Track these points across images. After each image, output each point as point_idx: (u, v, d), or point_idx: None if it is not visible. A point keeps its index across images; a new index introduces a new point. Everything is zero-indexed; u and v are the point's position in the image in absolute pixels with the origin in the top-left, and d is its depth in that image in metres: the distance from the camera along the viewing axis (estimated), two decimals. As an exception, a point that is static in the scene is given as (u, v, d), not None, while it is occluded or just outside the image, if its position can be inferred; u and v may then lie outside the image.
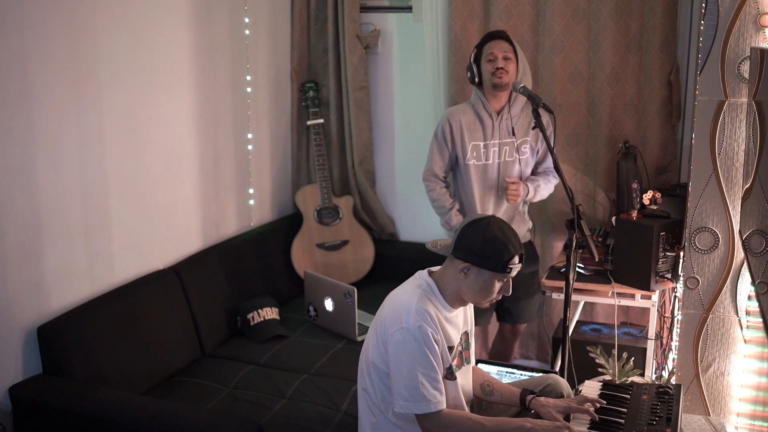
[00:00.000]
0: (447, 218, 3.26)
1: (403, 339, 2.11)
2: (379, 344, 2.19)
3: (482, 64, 3.16)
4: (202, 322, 3.26)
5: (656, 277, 3.01)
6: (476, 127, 3.20)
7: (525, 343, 3.97)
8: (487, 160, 3.22)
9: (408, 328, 2.11)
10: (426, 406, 2.11)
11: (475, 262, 2.14)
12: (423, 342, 2.11)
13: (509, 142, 3.22)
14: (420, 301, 2.16)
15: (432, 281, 2.24)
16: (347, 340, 3.37)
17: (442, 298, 2.22)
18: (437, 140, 3.24)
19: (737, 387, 2.90)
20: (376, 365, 2.21)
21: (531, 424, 2.14)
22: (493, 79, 3.12)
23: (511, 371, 2.71)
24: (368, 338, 2.28)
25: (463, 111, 3.23)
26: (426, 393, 2.11)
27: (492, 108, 3.18)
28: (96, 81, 2.86)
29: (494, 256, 2.12)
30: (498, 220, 2.20)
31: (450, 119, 3.21)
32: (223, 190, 3.68)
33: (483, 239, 2.13)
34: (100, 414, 2.48)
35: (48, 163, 2.68)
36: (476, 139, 3.20)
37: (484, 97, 3.19)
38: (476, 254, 2.13)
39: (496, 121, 3.19)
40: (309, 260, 3.92)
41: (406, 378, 2.11)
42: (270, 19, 3.95)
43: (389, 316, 2.18)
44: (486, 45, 3.16)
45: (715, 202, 2.81)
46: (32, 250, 2.64)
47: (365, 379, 2.27)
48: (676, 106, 3.47)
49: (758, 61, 2.47)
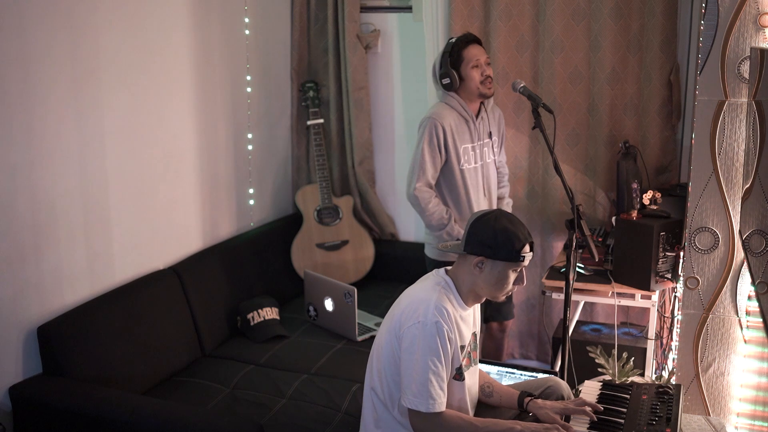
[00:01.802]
0: (448, 229, 3.13)
1: (418, 333, 2.12)
2: (392, 339, 2.19)
3: (465, 70, 3.08)
4: (202, 322, 3.26)
5: (656, 277, 3.01)
6: (463, 129, 3.14)
7: (525, 343, 3.97)
8: (476, 162, 3.19)
9: (425, 322, 2.12)
10: (432, 405, 2.11)
11: (488, 254, 2.16)
12: (438, 337, 2.11)
13: (487, 143, 3.22)
14: (439, 298, 2.17)
15: (449, 279, 2.25)
16: (347, 340, 3.37)
17: (458, 296, 2.23)
18: (431, 147, 3.08)
19: (737, 387, 2.90)
20: (387, 360, 2.20)
21: (521, 427, 2.15)
22: (482, 88, 3.08)
23: (511, 371, 2.71)
24: (380, 335, 2.28)
25: (449, 113, 3.12)
26: (433, 392, 2.11)
27: (471, 110, 3.15)
28: (96, 81, 2.86)
29: (506, 246, 2.14)
30: (505, 212, 2.23)
31: (441, 123, 3.08)
32: (223, 190, 3.68)
33: (493, 231, 2.15)
34: (100, 414, 2.48)
35: (48, 163, 2.68)
36: (466, 142, 3.14)
37: (463, 101, 3.13)
38: (489, 246, 2.15)
39: (476, 122, 3.17)
40: (309, 260, 3.92)
41: (417, 373, 2.11)
42: (270, 19, 3.95)
43: (407, 311, 2.17)
44: (466, 50, 3.08)
45: (715, 202, 2.81)
46: (32, 250, 2.64)
47: (374, 376, 2.26)
48: (676, 106, 3.47)
49: (758, 61, 2.47)
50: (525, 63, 3.68)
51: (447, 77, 3.09)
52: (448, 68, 3.09)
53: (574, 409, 2.28)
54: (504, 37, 3.65)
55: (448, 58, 3.09)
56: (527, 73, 3.69)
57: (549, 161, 3.66)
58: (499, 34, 3.64)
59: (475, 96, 3.13)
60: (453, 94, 3.13)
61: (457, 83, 3.09)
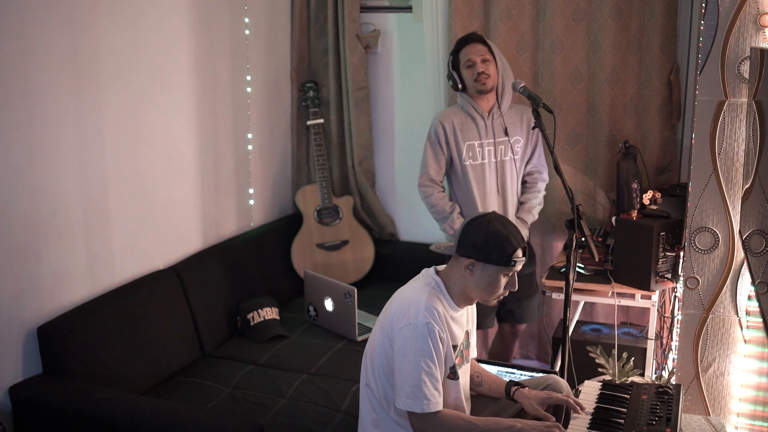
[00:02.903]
0: (449, 222, 3.22)
1: (410, 335, 2.12)
2: (384, 340, 2.20)
3: (462, 71, 3.17)
4: (202, 322, 3.26)
5: (656, 277, 3.01)
6: (469, 127, 3.20)
7: (525, 343, 3.97)
8: (483, 159, 3.21)
9: (416, 324, 2.12)
10: (427, 405, 2.11)
11: (479, 257, 2.16)
12: (429, 338, 2.12)
13: (504, 141, 3.22)
14: (429, 298, 2.17)
15: (440, 280, 2.25)
16: (347, 340, 3.37)
17: (449, 297, 2.23)
18: (431, 144, 3.23)
19: (737, 387, 2.90)
20: (381, 362, 2.21)
21: (521, 425, 2.16)
22: (476, 85, 3.14)
23: (511, 371, 2.71)
24: (373, 335, 2.29)
25: (454, 113, 3.23)
26: (427, 392, 2.11)
27: (482, 108, 3.19)
28: (96, 81, 2.86)
29: (497, 250, 2.14)
30: (499, 216, 2.24)
31: (442, 121, 3.20)
32: (223, 190, 3.68)
33: (485, 234, 2.16)
34: (100, 414, 2.48)
35: (48, 163, 2.68)
36: (471, 139, 3.20)
37: (472, 100, 3.20)
38: (480, 249, 2.15)
39: (487, 120, 3.20)
40: (309, 260, 3.92)
41: (410, 375, 2.11)
42: (270, 18, 3.95)
43: (397, 313, 2.18)
44: (462, 51, 3.17)
45: (715, 202, 2.82)
46: (32, 250, 2.64)
47: (368, 375, 2.27)
48: (676, 106, 3.47)
49: (758, 61, 2.47)
50: (525, 63, 3.68)
51: (451, 79, 3.23)
52: (450, 71, 3.22)
53: (558, 398, 2.31)
54: (504, 37, 3.65)
55: (450, 62, 3.23)
56: (527, 73, 3.69)
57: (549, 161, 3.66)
58: (499, 34, 3.64)
59: (474, 93, 3.18)
60: (464, 95, 3.23)
61: (459, 84, 3.21)
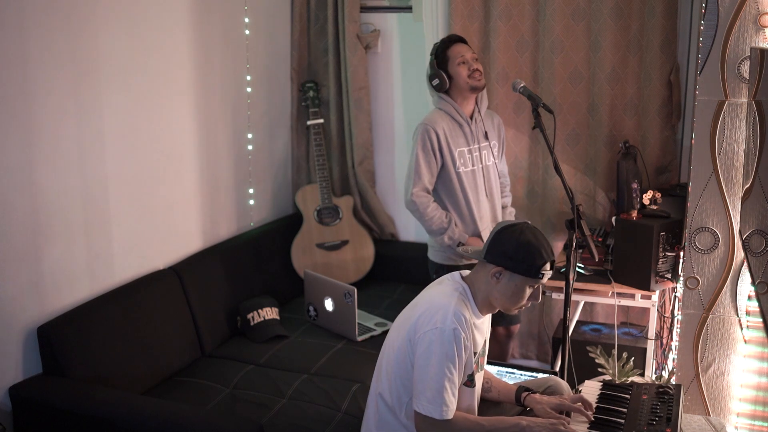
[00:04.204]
0: (449, 233, 3.12)
1: (435, 339, 2.10)
2: (405, 342, 2.17)
3: (453, 68, 3.11)
4: (202, 322, 3.26)
5: (656, 277, 3.01)
6: (458, 133, 3.15)
7: (525, 343, 3.97)
8: (473, 165, 3.18)
9: (443, 329, 2.10)
10: (446, 412, 2.10)
11: (508, 266, 2.14)
12: (455, 344, 2.10)
13: (485, 145, 3.21)
14: (458, 304, 2.15)
15: (467, 285, 2.23)
16: (347, 340, 3.37)
17: (474, 304, 2.21)
18: (424, 152, 3.09)
19: (737, 387, 2.90)
20: (398, 363, 2.19)
21: (527, 422, 2.15)
22: (471, 81, 3.10)
23: (511, 371, 2.71)
24: (391, 338, 2.26)
25: (441, 117, 3.14)
26: (447, 399, 2.10)
27: (465, 113, 3.16)
28: (96, 81, 2.86)
29: (527, 261, 2.12)
30: (531, 227, 2.20)
31: (434, 128, 3.09)
32: (222, 190, 3.68)
33: (517, 243, 2.13)
34: (100, 414, 2.48)
35: (48, 163, 2.68)
36: (460, 145, 3.15)
37: (455, 103, 3.15)
38: (510, 258, 2.13)
39: (471, 125, 3.17)
40: (309, 260, 3.92)
41: (432, 380, 2.09)
42: (270, 19, 3.95)
43: (424, 316, 2.15)
44: (451, 49, 3.13)
45: (715, 202, 2.82)
46: (32, 250, 2.64)
47: (382, 380, 2.24)
48: (676, 106, 3.47)
49: (758, 61, 2.47)
50: (525, 63, 3.68)
51: (436, 78, 3.14)
52: (436, 69, 3.14)
53: (570, 405, 2.29)
54: (504, 37, 3.65)
55: (435, 60, 3.15)
56: (527, 73, 3.68)
57: (549, 161, 3.66)
58: (499, 34, 3.64)
59: (467, 91, 3.13)
60: (446, 97, 3.16)
61: (446, 83, 3.12)
